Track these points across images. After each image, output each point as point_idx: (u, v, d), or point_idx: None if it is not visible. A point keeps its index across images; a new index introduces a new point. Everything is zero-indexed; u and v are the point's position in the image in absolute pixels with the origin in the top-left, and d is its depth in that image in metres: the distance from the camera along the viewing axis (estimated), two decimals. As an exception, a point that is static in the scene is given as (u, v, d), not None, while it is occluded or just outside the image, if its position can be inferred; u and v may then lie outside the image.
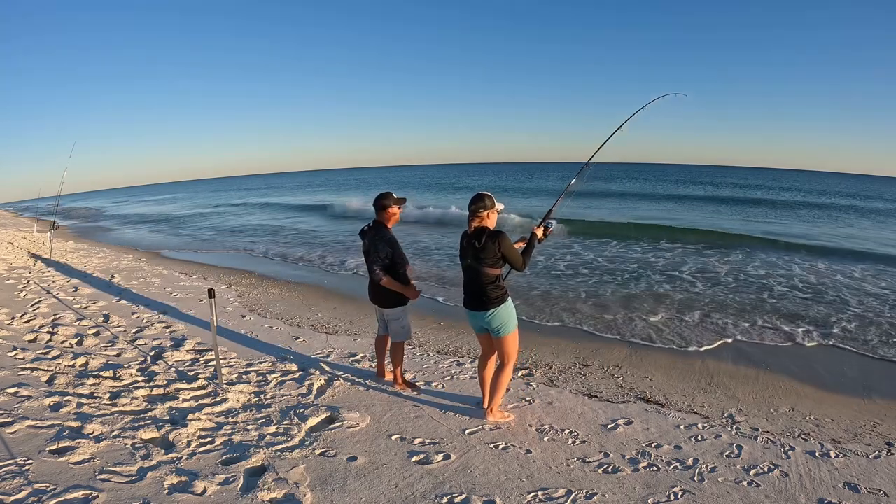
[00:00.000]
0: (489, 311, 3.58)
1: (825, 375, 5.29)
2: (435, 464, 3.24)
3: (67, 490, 2.71)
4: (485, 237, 3.50)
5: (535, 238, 3.87)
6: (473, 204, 3.57)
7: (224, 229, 21.02)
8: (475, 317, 3.71)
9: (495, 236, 3.49)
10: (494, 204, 3.60)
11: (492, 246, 3.48)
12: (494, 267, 3.54)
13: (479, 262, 3.54)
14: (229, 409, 4.01)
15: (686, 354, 5.84)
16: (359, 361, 5.24)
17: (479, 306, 3.61)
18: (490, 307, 3.57)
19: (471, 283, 3.66)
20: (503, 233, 3.52)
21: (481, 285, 3.58)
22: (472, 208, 3.57)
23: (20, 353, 4.93)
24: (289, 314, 7.17)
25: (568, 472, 3.19)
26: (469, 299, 3.70)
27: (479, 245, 3.49)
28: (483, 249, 3.49)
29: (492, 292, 3.57)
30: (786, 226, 19.20)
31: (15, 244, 14.05)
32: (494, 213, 3.62)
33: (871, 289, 9.02)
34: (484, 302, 3.58)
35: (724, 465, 3.32)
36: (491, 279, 3.56)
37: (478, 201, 3.56)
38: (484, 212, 3.55)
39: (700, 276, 9.86)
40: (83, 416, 3.67)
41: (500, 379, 3.77)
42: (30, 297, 7.42)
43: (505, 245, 3.49)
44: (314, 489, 2.91)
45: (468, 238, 3.62)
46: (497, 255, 3.50)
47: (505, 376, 3.76)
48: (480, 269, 3.55)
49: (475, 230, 3.57)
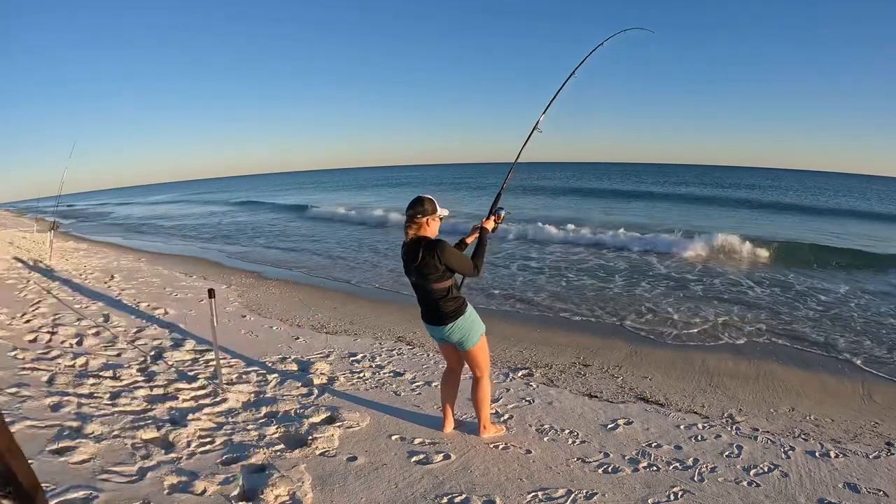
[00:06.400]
0: (447, 326, 3.22)
1: (826, 377, 5.29)
2: (435, 464, 3.24)
3: (68, 490, 2.72)
4: (422, 251, 3.09)
5: (486, 232, 3.50)
6: (411, 209, 3.15)
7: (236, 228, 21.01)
8: (433, 330, 3.34)
9: (433, 247, 3.08)
10: (436, 209, 3.17)
11: (431, 260, 3.07)
12: (441, 281, 3.14)
13: (423, 278, 3.15)
14: (229, 409, 4.02)
15: (686, 355, 5.83)
16: (359, 361, 5.24)
17: (436, 321, 3.25)
18: (447, 321, 3.20)
19: (422, 299, 3.27)
20: (442, 241, 3.12)
21: (434, 300, 3.19)
22: (410, 213, 3.15)
23: (20, 353, 4.94)
24: (289, 314, 7.17)
25: (568, 472, 3.19)
26: (425, 313, 3.33)
27: (419, 261, 3.10)
28: (424, 265, 3.10)
29: (446, 306, 3.18)
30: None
31: (15, 244, 14.06)
32: (436, 219, 3.19)
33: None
34: (440, 317, 3.21)
35: (724, 465, 3.32)
36: (441, 294, 3.17)
37: (416, 206, 3.14)
38: (423, 218, 3.13)
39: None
40: (83, 416, 3.68)
41: (479, 395, 3.48)
42: (30, 297, 7.43)
43: (447, 255, 3.09)
44: (314, 489, 2.92)
45: (405, 252, 3.23)
46: (440, 269, 3.10)
47: (483, 391, 3.46)
48: (427, 286, 3.16)
49: (412, 240, 3.17)
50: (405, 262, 3.23)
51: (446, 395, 3.65)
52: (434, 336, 3.42)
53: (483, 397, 3.49)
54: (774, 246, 12.52)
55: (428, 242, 3.11)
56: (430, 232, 3.18)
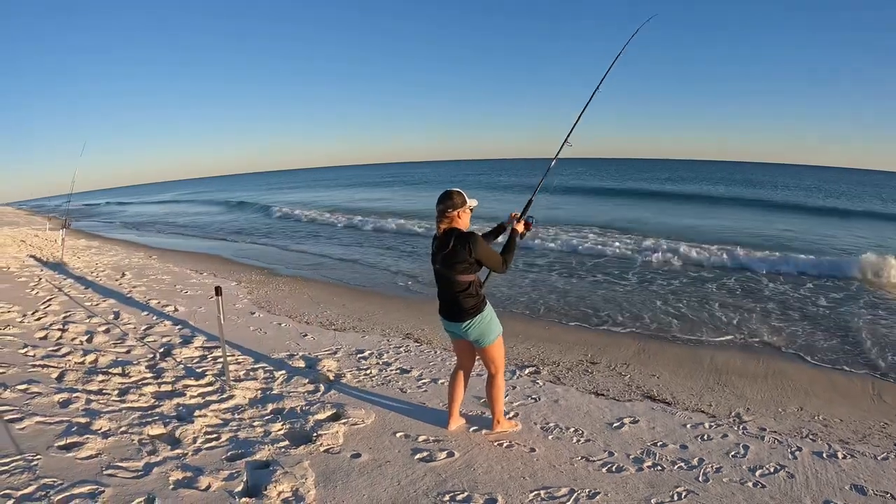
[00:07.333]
0: (464, 323, 3.23)
1: (835, 375, 5.22)
2: (438, 461, 3.25)
3: (74, 485, 2.77)
4: (454, 240, 3.11)
5: (517, 234, 3.46)
6: (441, 203, 3.17)
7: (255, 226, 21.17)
8: (450, 326, 3.36)
9: (466, 239, 3.10)
10: (465, 201, 3.19)
11: (462, 250, 3.09)
12: (467, 273, 3.17)
13: (449, 268, 3.16)
14: (236, 405, 4.05)
15: (695, 352, 5.79)
16: (366, 358, 5.25)
17: (454, 317, 3.26)
18: (465, 318, 3.22)
19: (443, 291, 3.30)
20: (476, 234, 3.17)
21: (454, 294, 3.21)
22: (440, 208, 3.18)
23: (31, 350, 5.01)
24: (297, 311, 7.20)
25: (571, 471, 3.18)
26: (443, 307, 3.34)
27: (448, 249, 3.12)
28: (453, 254, 3.11)
29: (466, 301, 3.20)
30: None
31: (28, 242, 14.26)
32: (466, 211, 3.22)
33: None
34: (458, 312, 3.22)
35: (730, 465, 3.29)
36: (463, 287, 3.19)
37: (445, 200, 3.17)
38: (453, 211, 3.16)
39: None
40: (92, 412, 3.73)
41: (493, 391, 3.52)
42: (41, 294, 7.53)
43: (479, 248, 3.11)
44: (318, 485, 2.94)
45: (437, 241, 3.26)
46: (469, 261, 3.12)
47: (497, 388, 3.51)
48: (451, 276, 3.18)
49: (444, 232, 3.19)
50: (435, 250, 3.26)
51: (454, 393, 3.65)
52: (450, 331, 3.43)
53: (497, 394, 3.53)
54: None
55: (461, 234, 3.14)
56: (461, 224, 3.21)
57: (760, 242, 13.35)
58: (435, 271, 3.31)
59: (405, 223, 17.81)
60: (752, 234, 15.06)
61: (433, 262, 3.29)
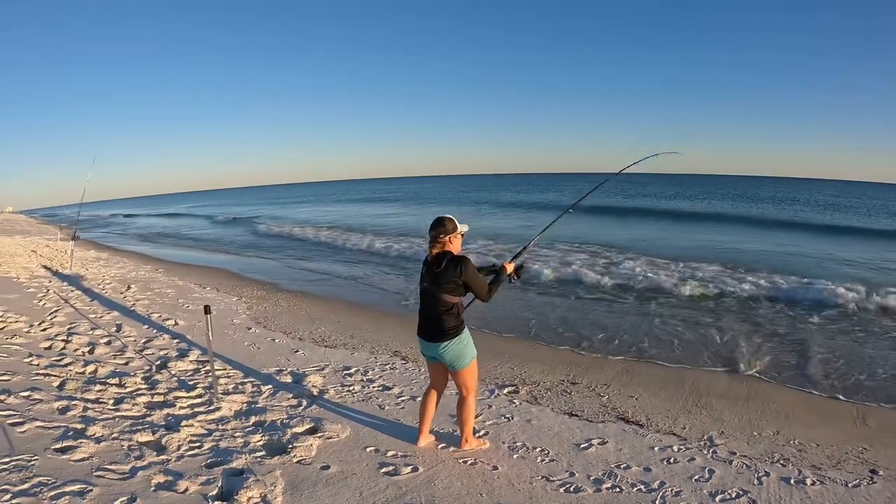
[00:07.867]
0: (442, 344, 3.36)
1: (818, 399, 5.21)
2: (402, 475, 3.39)
3: (66, 484, 3.01)
4: (447, 261, 3.29)
5: (505, 272, 3.62)
6: (434, 229, 3.35)
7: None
8: (427, 346, 3.49)
9: (458, 262, 3.29)
10: (457, 227, 3.37)
11: (454, 270, 3.27)
12: (453, 294, 3.33)
13: (437, 286, 3.32)
14: (221, 416, 4.26)
15: (680, 374, 5.81)
16: (351, 375, 5.43)
17: (432, 336, 3.39)
18: (444, 339, 3.35)
19: (427, 309, 3.43)
20: (467, 258, 3.34)
21: (437, 313, 3.35)
22: (433, 234, 3.35)
23: (35, 360, 5.28)
24: (292, 327, 7.41)
25: (529, 490, 3.27)
26: (422, 326, 3.47)
27: (439, 269, 3.29)
28: (443, 273, 3.28)
29: (447, 321, 3.33)
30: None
31: (38, 252, 14.72)
32: (457, 236, 3.40)
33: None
34: (437, 332, 3.36)
35: (690, 489, 3.29)
36: (448, 307, 3.33)
37: (438, 226, 3.34)
38: (445, 237, 3.34)
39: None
40: (87, 419, 3.98)
41: (464, 412, 3.62)
42: (48, 305, 7.85)
43: (469, 272, 3.30)
44: (285, 493, 3.13)
45: (429, 261, 3.42)
46: (458, 281, 3.29)
47: (468, 408, 3.61)
48: (438, 294, 3.32)
49: (436, 255, 3.37)
50: (425, 270, 3.43)
51: (425, 411, 3.77)
52: (426, 353, 3.58)
53: (468, 414, 3.64)
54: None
55: (454, 256, 3.34)
56: (453, 248, 3.40)
57: (781, 266, 12.89)
58: (421, 290, 3.47)
59: (413, 242, 17.85)
60: (756, 253, 14.85)
61: (421, 281, 3.46)
